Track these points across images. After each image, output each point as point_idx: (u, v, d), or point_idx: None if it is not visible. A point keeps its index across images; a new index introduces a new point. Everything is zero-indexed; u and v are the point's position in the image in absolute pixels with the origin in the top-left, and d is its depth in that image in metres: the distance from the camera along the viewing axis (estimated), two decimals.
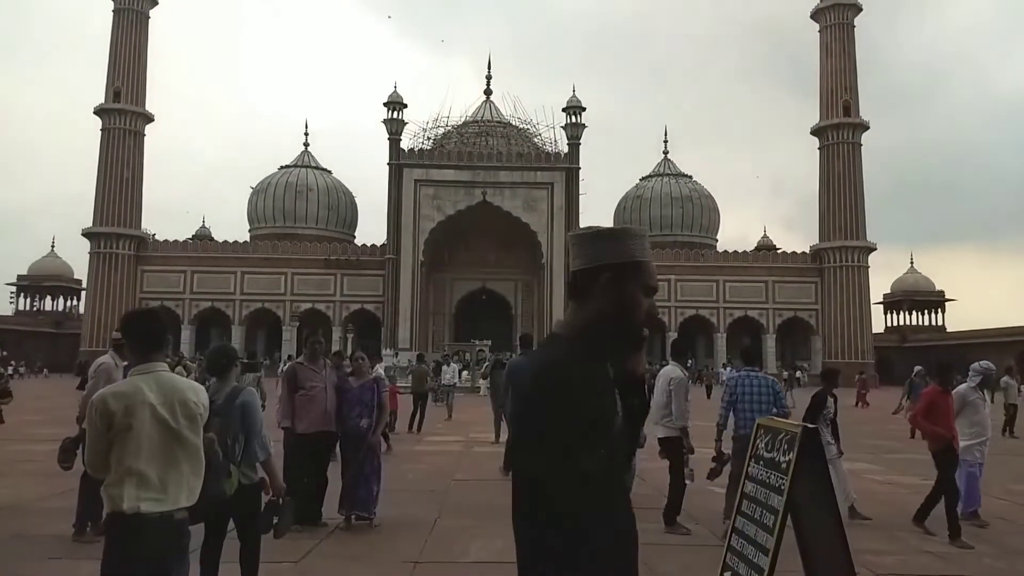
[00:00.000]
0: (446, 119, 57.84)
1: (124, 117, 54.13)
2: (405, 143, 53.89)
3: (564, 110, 53.95)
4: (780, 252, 60.37)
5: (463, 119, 59.18)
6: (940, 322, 67.07)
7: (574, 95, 54.11)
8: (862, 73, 57.07)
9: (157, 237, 56.47)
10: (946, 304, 67.17)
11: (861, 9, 56.92)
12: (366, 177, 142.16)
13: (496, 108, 61.03)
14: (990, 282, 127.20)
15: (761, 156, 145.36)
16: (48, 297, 66.17)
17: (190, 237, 61.32)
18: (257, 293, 54.78)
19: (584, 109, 53.83)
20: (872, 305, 57.40)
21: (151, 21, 56.49)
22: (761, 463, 4.25)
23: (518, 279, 56.38)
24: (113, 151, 53.86)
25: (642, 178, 66.41)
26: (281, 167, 63.91)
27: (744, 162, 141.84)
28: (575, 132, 53.56)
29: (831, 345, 54.68)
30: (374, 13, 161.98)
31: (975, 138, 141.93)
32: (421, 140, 56.08)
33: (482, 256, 55.86)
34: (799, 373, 40.76)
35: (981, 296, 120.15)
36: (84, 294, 57.95)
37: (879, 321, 64.52)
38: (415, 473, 10.13)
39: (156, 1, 56.72)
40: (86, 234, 53.76)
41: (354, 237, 63.49)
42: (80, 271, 60.93)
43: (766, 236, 69.81)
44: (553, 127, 55.92)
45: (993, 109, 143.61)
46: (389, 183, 52.82)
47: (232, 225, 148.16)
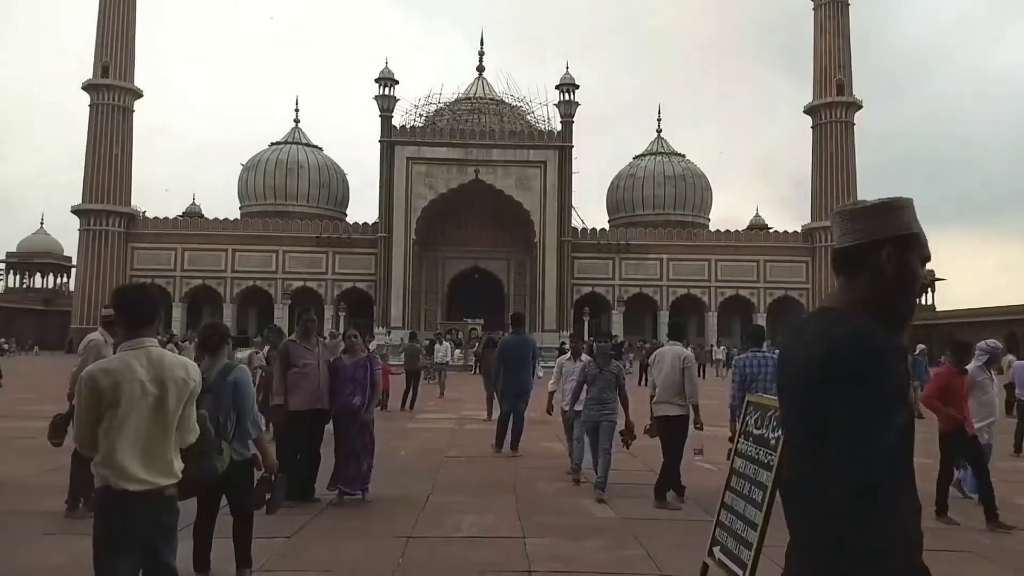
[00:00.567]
0: (438, 96, 57.48)
1: (113, 93, 53.54)
2: (397, 120, 53.52)
3: (557, 87, 53.61)
4: (772, 231, 60.48)
5: (455, 96, 58.77)
6: (930, 301, 67.48)
7: (567, 72, 53.76)
8: (856, 52, 57.00)
9: (147, 214, 56.12)
10: (936, 284, 67.56)
11: None
12: (357, 154, 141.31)
13: (489, 85, 60.61)
14: (980, 262, 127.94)
15: (754, 135, 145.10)
16: (38, 274, 65.83)
17: (180, 214, 60.93)
18: (248, 271, 54.58)
19: (577, 87, 53.51)
20: None
21: None
22: (750, 440, 4.29)
23: (510, 258, 56.32)
24: (102, 127, 53.33)
25: (635, 157, 66.20)
26: (271, 144, 63.40)
27: (737, 139, 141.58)
28: (568, 110, 53.25)
29: None
30: None
31: (967, 118, 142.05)
32: (413, 117, 55.72)
33: (474, 235, 55.73)
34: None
35: (971, 276, 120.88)
36: (74, 271, 57.64)
37: None
38: (407, 450, 10.17)
39: None
40: (75, 211, 53.35)
41: (346, 215, 63.22)
42: (70, 248, 60.64)
43: (758, 215, 69.96)
44: (546, 104, 55.67)
45: (986, 89, 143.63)
46: (381, 161, 52.49)
47: (223, 202, 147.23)
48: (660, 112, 69.10)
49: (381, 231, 52.52)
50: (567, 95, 53.32)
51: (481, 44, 62.66)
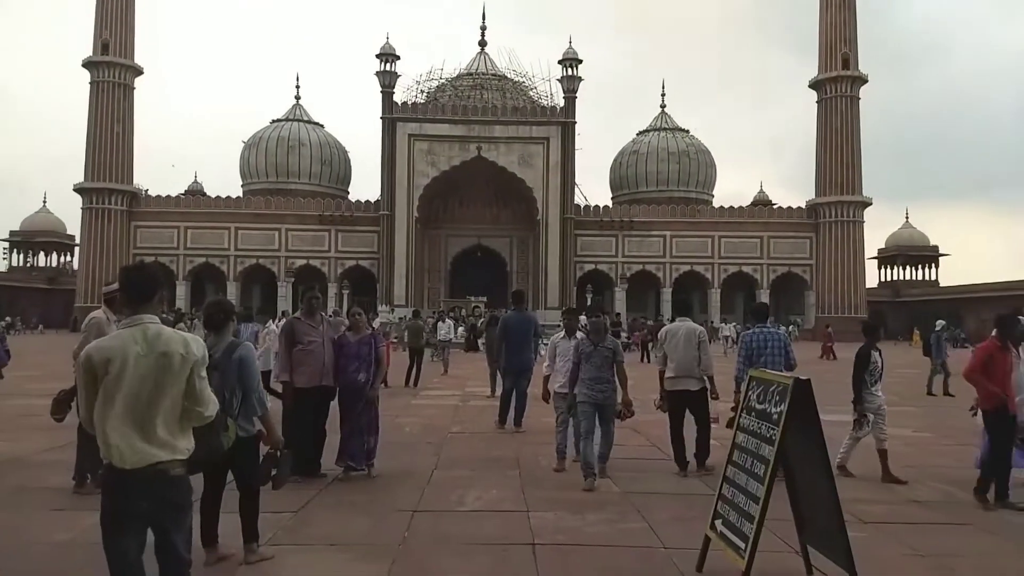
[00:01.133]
0: (440, 71, 57.02)
1: (113, 70, 53.23)
2: (398, 96, 53.14)
3: (560, 62, 53.11)
4: (776, 207, 60.20)
5: (457, 72, 58.31)
6: (934, 277, 67.39)
7: (570, 47, 53.23)
8: (862, 26, 56.27)
9: (150, 192, 56.05)
10: (940, 259, 67.42)
11: None
12: (359, 132, 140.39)
13: (491, 60, 60.11)
14: (984, 238, 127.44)
15: (760, 110, 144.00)
16: (41, 253, 65.86)
17: (182, 192, 60.81)
18: (251, 249, 54.60)
19: (580, 62, 53.02)
20: (866, 260, 57.58)
21: None
22: (753, 414, 4.32)
23: (513, 235, 56.23)
24: (103, 105, 53.11)
25: (639, 132, 65.78)
26: (272, 121, 63.07)
27: (743, 116, 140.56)
28: (571, 85, 52.81)
29: (824, 300, 54.97)
30: None
31: (975, 94, 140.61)
32: (415, 93, 55.34)
33: (477, 212, 55.61)
34: (792, 328, 40.97)
35: (975, 251, 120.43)
36: (77, 250, 57.71)
37: (873, 276, 64.83)
38: (412, 426, 10.25)
39: None
40: (78, 189, 53.29)
41: (348, 193, 63.03)
42: (73, 226, 60.63)
43: (762, 191, 69.63)
44: (549, 80, 55.18)
45: (993, 65, 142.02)
46: (382, 137, 52.22)
47: (225, 180, 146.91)
48: (664, 87, 68.66)
49: (383, 209, 52.41)
50: (570, 70, 52.86)
51: (483, 19, 62.00)
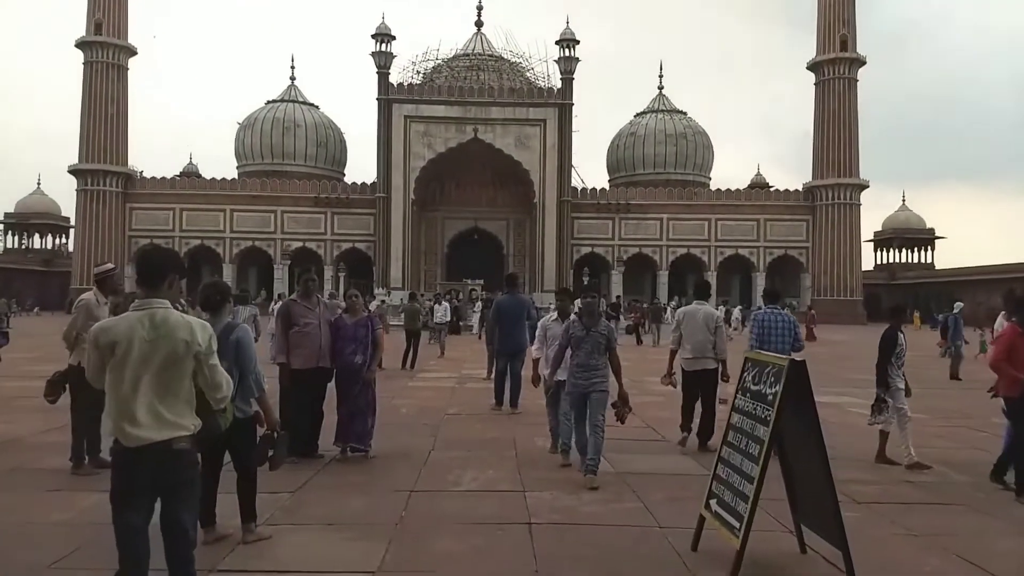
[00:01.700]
0: (436, 52, 56.63)
1: (106, 50, 52.76)
2: (394, 77, 52.80)
3: (557, 43, 52.78)
4: (773, 190, 60.14)
5: (454, 53, 57.90)
6: (929, 260, 67.52)
7: (567, 27, 52.88)
8: (860, 8, 56.04)
9: (144, 174, 55.75)
10: (936, 242, 67.50)
11: None
12: (355, 113, 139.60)
13: (488, 41, 59.69)
14: (980, 220, 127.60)
15: (758, 92, 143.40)
16: (36, 235, 65.60)
17: (177, 174, 60.52)
18: (247, 231, 54.45)
19: (578, 42, 52.68)
20: (862, 242, 57.68)
21: None
22: (748, 395, 4.34)
23: (510, 218, 56.12)
24: (96, 86, 52.70)
25: (636, 114, 65.50)
26: (267, 102, 62.68)
27: (741, 98, 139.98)
28: (568, 66, 52.49)
29: (820, 282, 55.10)
30: None
31: (973, 76, 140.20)
32: (411, 74, 54.99)
33: (474, 195, 55.46)
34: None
35: (971, 234, 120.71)
36: (72, 232, 57.48)
37: (869, 258, 64.93)
38: (409, 408, 10.28)
39: None
40: (72, 171, 53.00)
41: (344, 175, 62.80)
42: (68, 208, 60.34)
43: (759, 174, 69.52)
44: (546, 61, 54.88)
45: (992, 47, 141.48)
46: (378, 119, 51.94)
47: (220, 162, 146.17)
48: (662, 68, 68.27)
49: (380, 191, 52.22)
50: (567, 51, 52.52)
51: None
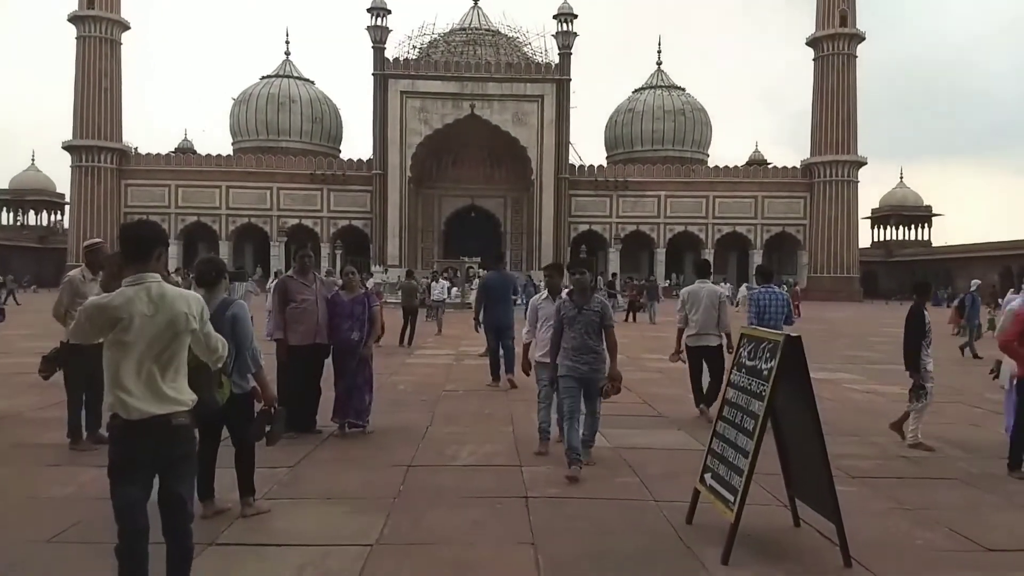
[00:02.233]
0: (432, 26, 56.07)
1: (99, 24, 52.17)
2: (390, 52, 52.31)
3: (555, 17, 52.26)
4: (771, 167, 59.96)
5: (450, 27, 57.35)
6: (926, 237, 67.56)
7: (565, 1, 52.32)
8: None
9: (139, 150, 55.40)
10: (933, 219, 67.50)
11: None
12: (351, 89, 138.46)
13: (484, 15, 59.11)
14: (978, 197, 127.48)
15: (757, 68, 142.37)
16: (31, 211, 65.31)
17: (173, 150, 60.13)
18: (243, 208, 54.24)
19: (576, 16, 52.15)
20: (860, 220, 57.65)
21: None
22: (743, 371, 4.36)
23: (507, 195, 55.94)
24: (90, 61, 52.17)
25: (635, 90, 65.08)
26: (262, 77, 62.14)
27: (739, 74, 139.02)
28: (566, 41, 52.03)
29: (817, 260, 55.15)
30: None
31: (972, 52, 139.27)
32: (407, 49, 54.47)
33: (471, 172, 55.22)
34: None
35: (968, 211, 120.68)
36: (68, 208, 57.22)
37: (866, 236, 64.96)
38: (406, 384, 10.32)
39: None
40: (66, 147, 52.64)
41: (340, 151, 62.44)
42: (63, 185, 60.02)
43: (757, 151, 69.28)
44: (544, 36, 54.40)
45: (990, 22, 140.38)
46: (374, 95, 51.55)
47: (215, 138, 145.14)
48: (660, 44, 67.70)
49: (376, 168, 51.96)
50: (565, 25, 52.01)
51: None
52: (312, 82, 62.87)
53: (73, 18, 52.23)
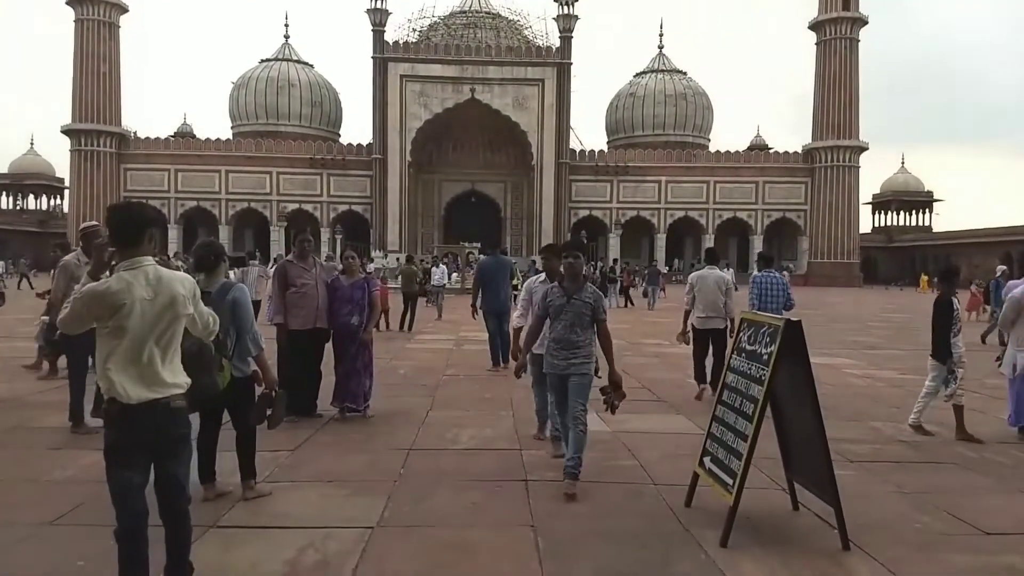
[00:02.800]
0: (432, 9, 55.83)
1: (97, 7, 51.88)
2: (390, 35, 52.03)
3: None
4: (772, 152, 59.77)
5: (450, 10, 56.99)
6: (927, 222, 67.48)
7: None
8: None
9: (138, 134, 55.22)
10: (934, 204, 67.38)
11: None
12: (350, 73, 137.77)
13: None
14: (979, 182, 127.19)
15: (759, 52, 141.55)
16: (31, 196, 65.21)
17: (172, 134, 59.92)
18: (242, 192, 54.12)
19: None
20: (861, 205, 57.56)
21: None
22: (743, 355, 4.36)
23: (507, 180, 55.79)
24: (88, 44, 51.91)
25: (636, 74, 64.75)
26: (261, 60, 61.82)
27: (741, 58, 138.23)
28: (567, 24, 51.70)
29: (818, 245, 55.10)
30: None
31: (975, 37, 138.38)
32: (406, 32, 54.18)
33: (471, 156, 55.05)
34: (786, 272, 41.14)
35: (970, 196, 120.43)
36: (67, 193, 57.11)
37: (867, 221, 64.87)
38: (407, 369, 10.34)
39: None
40: (65, 131, 52.46)
41: (339, 135, 62.23)
42: (62, 169, 59.90)
43: (759, 136, 69.07)
44: (544, 19, 54.14)
45: (993, 7, 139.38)
46: (373, 78, 51.30)
47: (215, 122, 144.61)
48: (662, 27, 67.27)
49: (376, 152, 51.79)
50: (566, 8, 51.65)
51: None
52: (311, 66, 62.57)
53: (71, 1, 51.90)
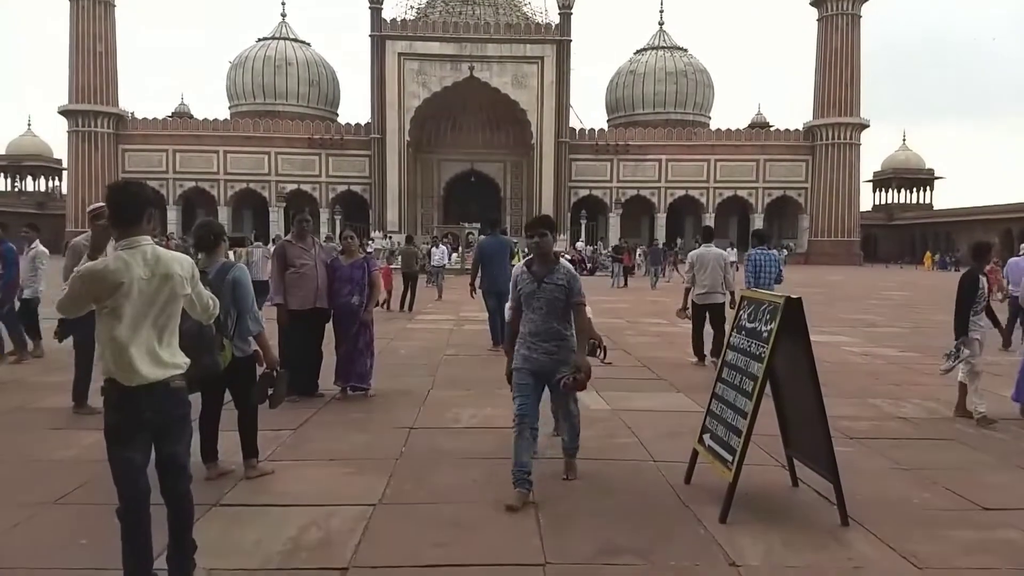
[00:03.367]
0: None
1: None
2: (387, 13, 51.53)
3: None
4: (773, 130, 59.45)
5: None
6: (928, 200, 67.30)
7: None
8: None
9: (136, 115, 54.91)
10: (935, 182, 67.17)
11: None
12: (348, 52, 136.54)
13: None
14: (981, 159, 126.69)
15: (760, 28, 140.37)
16: (29, 177, 64.97)
17: (170, 115, 59.59)
18: (241, 173, 53.91)
19: None
20: (861, 183, 57.38)
21: None
22: (743, 333, 4.36)
23: (507, 159, 55.53)
24: (83, 23, 51.44)
25: (636, 51, 64.24)
26: (258, 39, 61.33)
27: (742, 34, 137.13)
28: (566, 0, 51.16)
29: (818, 223, 54.98)
30: None
31: (977, 12, 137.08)
32: (404, 10, 53.68)
33: (470, 136, 54.75)
34: (784, 252, 41.21)
35: (971, 174, 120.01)
36: (65, 174, 56.91)
37: (867, 199, 64.69)
38: (407, 349, 10.37)
39: None
40: (63, 112, 52.17)
41: (337, 115, 61.88)
42: (60, 150, 59.64)
43: (760, 114, 68.66)
44: None
45: None
46: (371, 57, 50.87)
47: (212, 102, 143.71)
48: (662, 3, 66.63)
49: (374, 132, 51.50)
50: None
51: None
52: (309, 44, 62.09)
53: None
